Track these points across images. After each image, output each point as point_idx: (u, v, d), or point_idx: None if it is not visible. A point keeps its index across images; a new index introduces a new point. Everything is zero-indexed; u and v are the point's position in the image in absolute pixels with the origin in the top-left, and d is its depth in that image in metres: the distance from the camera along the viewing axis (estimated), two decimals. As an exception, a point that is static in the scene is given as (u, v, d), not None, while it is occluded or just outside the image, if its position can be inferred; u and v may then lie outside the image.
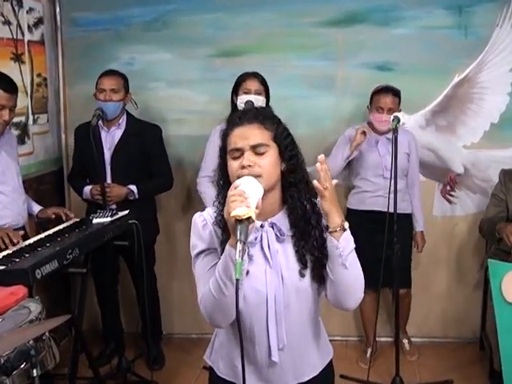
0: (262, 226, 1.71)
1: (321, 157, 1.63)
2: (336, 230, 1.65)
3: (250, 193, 1.54)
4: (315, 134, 3.72)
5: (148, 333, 3.50)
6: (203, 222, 1.74)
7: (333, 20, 3.76)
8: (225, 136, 1.73)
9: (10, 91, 2.85)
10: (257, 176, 1.62)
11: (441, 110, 3.80)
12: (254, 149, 1.66)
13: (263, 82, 3.43)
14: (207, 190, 3.49)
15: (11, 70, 3.43)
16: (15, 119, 3.39)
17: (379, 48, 3.77)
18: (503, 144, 3.79)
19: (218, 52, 3.87)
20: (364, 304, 3.47)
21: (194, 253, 1.74)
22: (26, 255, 2.52)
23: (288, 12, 3.79)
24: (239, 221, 1.48)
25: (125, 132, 3.53)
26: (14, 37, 3.55)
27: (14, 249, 2.63)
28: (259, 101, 3.34)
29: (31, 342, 1.86)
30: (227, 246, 1.57)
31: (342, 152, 3.52)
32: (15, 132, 3.45)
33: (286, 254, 1.72)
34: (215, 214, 1.73)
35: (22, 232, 2.83)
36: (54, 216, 3.12)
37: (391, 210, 3.19)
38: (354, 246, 1.67)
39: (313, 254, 1.71)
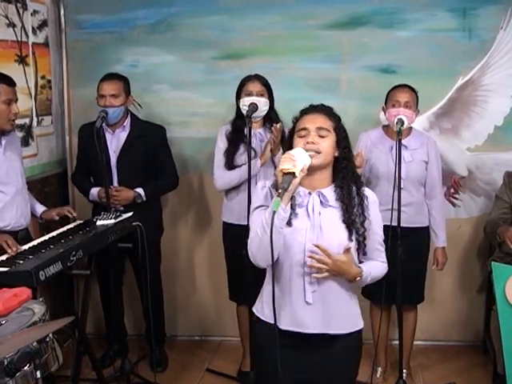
0: (309, 193, 2.08)
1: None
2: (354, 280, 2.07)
3: (298, 158, 1.95)
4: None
5: (152, 335, 3.50)
6: (263, 185, 2.13)
7: (337, 22, 3.77)
8: (295, 120, 2.14)
9: (12, 84, 2.89)
10: (316, 152, 2.02)
11: (445, 112, 3.79)
12: (318, 130, 2.07)
13: (265, 84, 3.34)
14: (223, 173, 3.37)
15: (15, 71, 3.44)
16: (19, 121, 3.41)
17: (383, 50, 3.77)
18: (507, 147, 3.78)
19: (222, 54, 3.87)
20: (375, 317, 3.38)
21: (251, 209, 2.13)
22: (30, 257, 2.52)
23: (292, 14, 3.79)
24: (285, 174, 1.90)
25: (130, 134, 3.53)
26: (19, 39, 3.56)
27: (18, 251, 2.63)
28: (261, 102, 3.26)
29: (35, 343, 1.86)
30: (274, 197, 1.96)
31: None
32: (19, 134, 3.45)
33: (329, 218, 2.07)
34: (273, 181, 2.09)
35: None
36: (57, 217, 3.12)
37: (403, 223, 3.06)
38: (370, 278, 2.12)
39: (356, 227, 2.07)
